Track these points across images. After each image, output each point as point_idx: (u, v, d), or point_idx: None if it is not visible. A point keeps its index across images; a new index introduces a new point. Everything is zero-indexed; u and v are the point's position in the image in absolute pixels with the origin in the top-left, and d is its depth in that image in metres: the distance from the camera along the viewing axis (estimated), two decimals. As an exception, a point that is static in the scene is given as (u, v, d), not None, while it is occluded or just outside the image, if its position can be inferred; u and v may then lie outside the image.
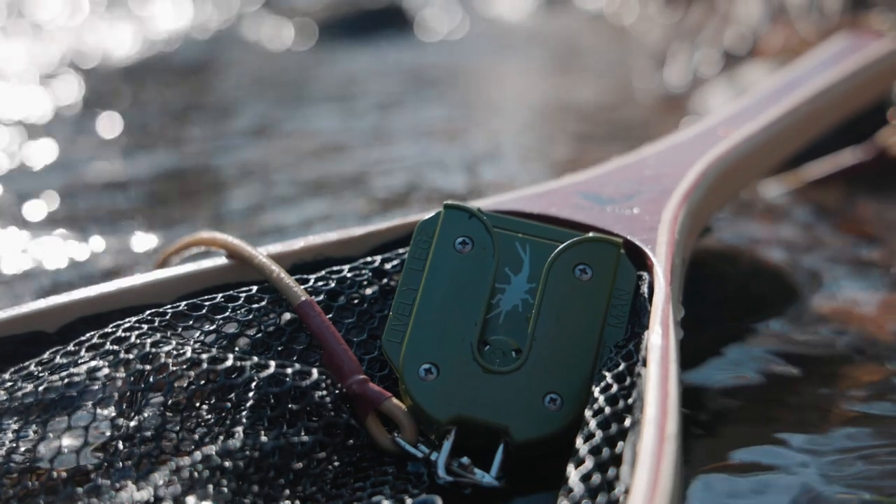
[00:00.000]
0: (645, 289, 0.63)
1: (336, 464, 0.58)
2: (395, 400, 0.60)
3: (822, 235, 1.01)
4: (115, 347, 0.58)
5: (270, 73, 2.16)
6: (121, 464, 0.54)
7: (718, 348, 0.76)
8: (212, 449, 0.53)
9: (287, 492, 0.55)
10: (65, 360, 0.58)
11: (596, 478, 0.50)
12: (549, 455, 0.60)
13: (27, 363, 0.59)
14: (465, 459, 0.58)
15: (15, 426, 0.56)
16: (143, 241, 1.08)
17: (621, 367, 0.58)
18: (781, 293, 0.88)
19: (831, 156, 1.08)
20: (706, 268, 0.86)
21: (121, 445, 0.55)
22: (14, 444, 0.55)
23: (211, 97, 1.88)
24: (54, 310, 0.64)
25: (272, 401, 0.56)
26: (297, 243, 0.70)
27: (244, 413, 0.55)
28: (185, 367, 0.57)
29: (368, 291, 0.67)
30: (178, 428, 0.56)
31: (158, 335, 0.59)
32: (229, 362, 0.57)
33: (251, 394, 0.56)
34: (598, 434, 0.53)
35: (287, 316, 0.64)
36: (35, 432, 0.56)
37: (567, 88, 1.93)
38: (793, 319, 0.82)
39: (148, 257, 1.02)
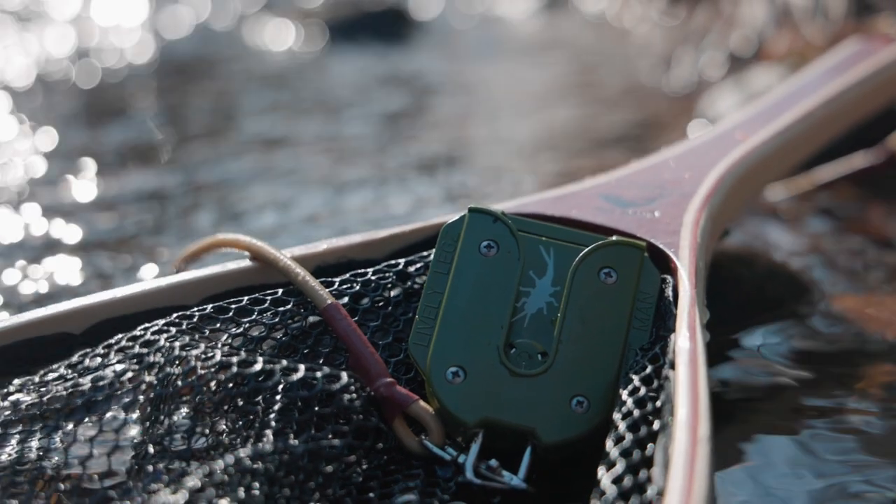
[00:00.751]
0: (669, 292, 0.64)
1: (364, 467, 0.58)
2: (422, 403, 0.60)
3: (834, 238, 1.02)
4: (145, 350, 0.58)
5: (269, 75, 2.16)
6: (151, 467, 0.54)
7: (738, 350, 0.76)
8: (243, 452, 0.53)
9: (317, 495, 0.55)
10: (94, 363, 0.58)
11: (628, 480, 0.51)
12: (573, 458, 0.60)
13: (56, 365, 0.59)
14: (493, 462, 0.58)
15: (46, 429, 0.56)
16: (144, 248, 1.08)
17: (648, 370, 0.58)
18: (797, 295, 0.89)
19: (842, 159, 1.08)
20: (722, 270, 0.87)
21: (151, 449, 0.55)
22: (45, 447, 0.55)
23: (210, 100, 1.88)
24: (80, 311, 0.64)
25: (302, 404, 0.56)
26: (320, 246, 0.70)
27: (274, 416, 0.56)
28: (214, 370, 0.57)
29: (392, 294, 0.67)
30: (208, 431, 0.56)
31: (187, 338, 0.59)
32: (259, 366, 0.57)
33: (281, 397, 0.56)
34: (629, 436, 0.54)
35: (311, 319, 0.64)
36: (66, 435, 0.56)
37: (571, 91, 1.93)
38: (809, 321, 0.83)
39: (148, 262, 1.02)
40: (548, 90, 1.98)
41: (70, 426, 0.56)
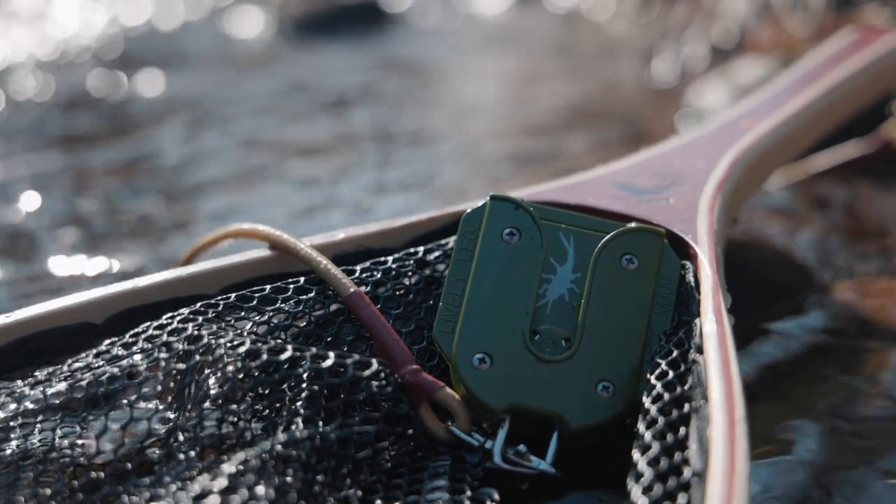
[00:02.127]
0: (689, 277, 0.64)
1: (392, 453, 0.58)
2: (448, 389, 0.60)
3: (829, 226, 1.03)
4: (173, 339, 0.58)
5: (241, 68, 2.14)
6: (183, 455, 0.54)
7: (752, 334, 0.77)
8: (277, 439, 0.53)
9: (349, 481, 0.55)
10: (122, 352, 0.58)
11: (664, 462, 0.51)
12: (597, 443, 0.61)
13: (84, 354, 0.59)
14: (522, 447, 0.59)
15: (76, 418, 0.56)
16: (110, 245, 1.08)
17: (675, 354, 0.59)
18: (799, 282, 0.90)
19: (835, 148, 1.09)
20: (727, 257, 0.88)
21: (182, 437, 0.55)
22: (77, 435, 0.55)
23: (181, 93, 1.86)
24: (102, 301, 0.64)
25: (333, 391, 0.57)
26: (338, 234, 0.70)
27: (306, 404, 0.56)
28: (244, 358, 0.57)
29: (413, 282, 0.67)
30: (239, 419, 0.56)
31: (214, 326, 0.59)
32: (288, 353, 0.57)
33: (312, 384, 0.56)
34: (661, 420, 0.54)
35: (332, 307, 0.64)
36: (96, 423, 0.56)
37: (551, 85, 1.92)
38: (814, 306, 0.84)
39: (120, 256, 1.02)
40: (526, 84, 1.98)
41: (100, 415, 0.56)
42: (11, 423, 0.55)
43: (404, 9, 2.91)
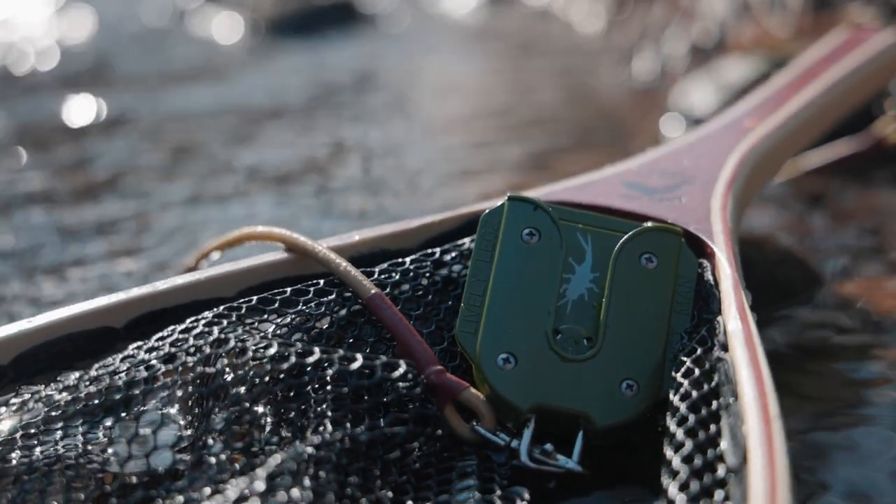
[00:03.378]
0: (708, 276, 0.65)
1: (419, 454, 0.59)
2: (472, 389, 0.60)
3: (822, 223, 1.04)
4: (200, 342, 0.58)
5: (210, 71, 2.13)
6: (214, 459, 0.54)
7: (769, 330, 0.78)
8: (309, 442, 0.53)
9: (379, 482, 0.55)
10: (150, 356, 0.58)
11: (698, 459, 0.51)
12: (619, 441, 0.61)
13: (111, 358, 0.58)
14: (548, 446, 0.59)
15: (106, 422, 0.56)
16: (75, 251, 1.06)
17: (699, 352, 0.59)
18: (793, 279, 0.90)
19: (828, 145, 1.10)
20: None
21: (211, 441, 0.55)
22: (108, 440, 0.55)
23: (149, 97, 1.85)
24: (121, 305, 0.64)
25: (362, 393, 0.57)
26: (353, 236, 0.70)
27: (336, 405, 0.56)
28: (273, 360, 0.57)
29: (431, 283, 0.67)
30: (269, 422, 0.56)
31: (239, 329, 0.59)
32: (317, 355, 0.57)
33: (342, 386, 0.56)
34: (692, 417, 0.54)
35: (351, 309, 0.64)
36: (125, 428, 0.56)
37: (531, 86, 1.92)
38: (820, 302, 0.85)
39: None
40: (505, 85, 1.98)
41: (130, 419, 0.56)
42: (42, 428, 0.55)
43: (378, 9, 2.91)
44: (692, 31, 1.91)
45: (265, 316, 0.62)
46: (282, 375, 0.56)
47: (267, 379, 0.56)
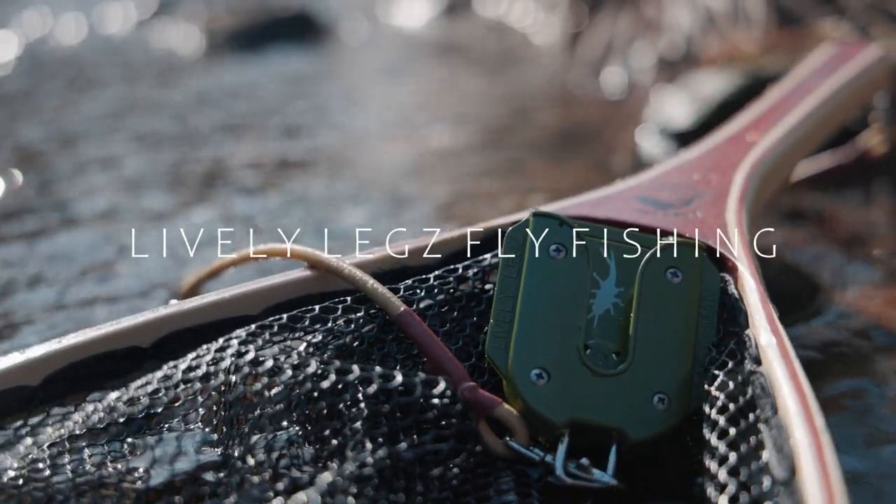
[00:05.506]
0: (732, 289, 0.65)
1: (456, 470, 0.59)
2: (505, 405, 0.61)
3: (806, 234, 1.06)
4: (238, 361, 0.58)
5: (166, 85, 2.11)
6: (257, 479, 0.54)
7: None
8: (355, 460, 0.53)
9: (420, 499, 0.55)
10: (187, 375, 0.58)
11: (744, 472, 0.52)
12: (650, 455, 0.62)
13: (150, 377, 0.58)
14: (584, 460, 0.59)
15: (147, 441, 0.55)
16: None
17: (731, 365, 0.60)
18: (792, 291, 0.92)
19: (813, 158, 1.12)
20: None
21: (252, 461, 0.55)
22: (150, 461, 0.55)
23: (101, 110, 1.83)
24: (148, 325, 0.63)
25: (403, 410, 0.57)
26: (373, 253, 0.70)
27: (376, 423, 0.56)
28: (312, 378, 0.57)
29: (456, 299, 0.67)
30: (312, 439, 0.56)
31: (276, 347, 0.59)
32: (356, 373, 0.57)
33: (382, 404, 0.56)
34: (732, 430, 0.55)
35: (380, 326, 0.65)
36: (166, 447, 0.55)
37: (497, 99, 1.92)
38: (815, 314, 0.86)
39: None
40: (468, 98, 1.97)
41: (170, 439, 0.55)
42: (85, 449, 0.55)
43: (336, 21, 2.91)
44: (659, 44, 1.93)
45: (296, 334, 0.62)
46: (323, 393, 0.56)
47: (308, 397, 0.56)
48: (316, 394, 0.56)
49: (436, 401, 0.58)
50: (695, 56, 1.81)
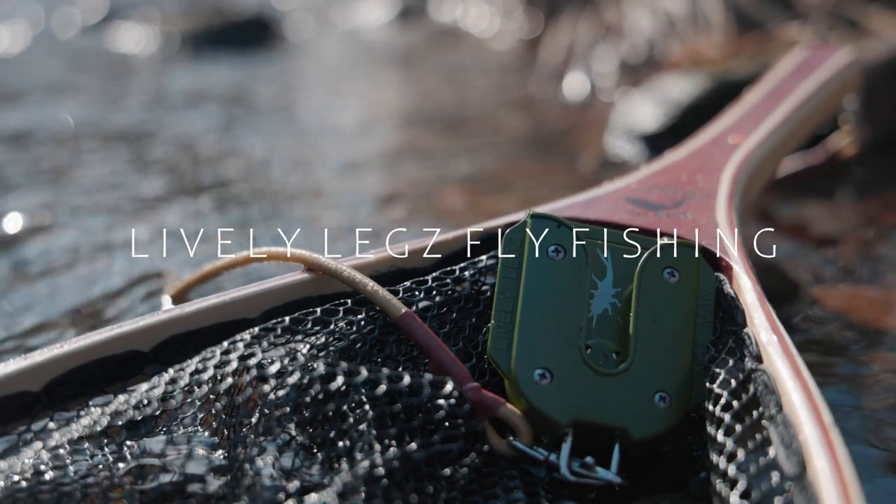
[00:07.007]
0: (727, 289, 0.66)
1: (465, 470, 0.59)
2: (509, 405, 0.61)
3: (778, 235, 1.07)
4: (248, 363, 0.58)
5: (120, 89, 2.09)
6: (268, 481, 0.54)
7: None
8: (368, 461, 0.53)
9: (430, 500, 0.55)
10: (194, 378, 0.57)
11: (753, 468, 0.53)
12: (651, 453, 0.63)
13: (156, 380, 0.58)
14: (589, 459, 0.60)
15: (156, 445, 0.55)
16: None
17: (731, 363, 0.61)
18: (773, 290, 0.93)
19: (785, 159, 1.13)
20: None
21: (261, 463, 0.55)
22: (160, 463, 0.55)
23: (54, 114, 1.81)
24: (148, 329, 0.63)
25: (411, 411, 0.57)
26: (370, 256, 0.70)
27: (385, 424, 0.56)
28: (320, 380, 0.57)
29: (454, 300, 0.68)
30: (321, 441, 0.56)
31: (282, 350, 0.59)
32: (364, 374, 0.57)
33: (391, 404, 0.56)
34: (738, 427, 0.56)
35: (381, 328, 0.65)
36: (177, 452, 0.55)
37: (462, 104, 1.92)
38: (792, 314, 0.87)
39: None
40: (428, 103, 1.96)
41: (180, 441, 0.55)
42: (91, 452, 0.54)
43: (291, 25, 2.90)
44: (621, 49, 1.95)
45: (299, 336, 0.62)
46: (331, 395, 0.56)
47: (316, 399, 0.56)
48: (324, 396, 0.56)
49: (443, 401, 0.58)
50: (658, 60, 1.83)
